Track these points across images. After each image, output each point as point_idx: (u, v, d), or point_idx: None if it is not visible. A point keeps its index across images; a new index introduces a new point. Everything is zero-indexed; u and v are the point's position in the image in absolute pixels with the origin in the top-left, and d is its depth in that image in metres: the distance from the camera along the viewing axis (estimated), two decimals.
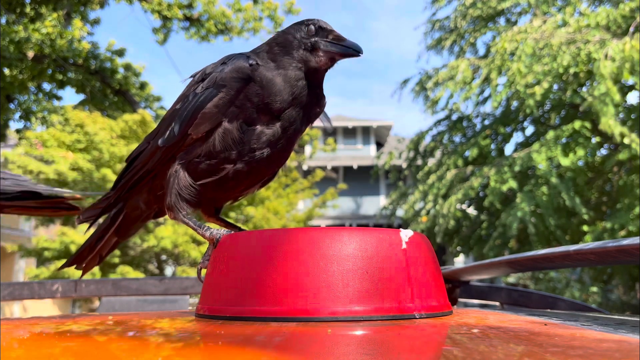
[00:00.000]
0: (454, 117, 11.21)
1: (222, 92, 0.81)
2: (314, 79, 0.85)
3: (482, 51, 11.80)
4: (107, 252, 1.05)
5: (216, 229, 0.82)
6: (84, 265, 1.05)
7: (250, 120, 0.82)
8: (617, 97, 7.42)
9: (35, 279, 7.55)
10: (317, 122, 0.92)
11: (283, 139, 0.85)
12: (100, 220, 1.04)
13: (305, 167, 16.02)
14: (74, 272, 7.22)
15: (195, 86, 0.86)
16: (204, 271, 0.84)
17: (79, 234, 7.60)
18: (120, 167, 7.80)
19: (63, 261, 7.35)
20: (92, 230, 1.04)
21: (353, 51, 0.84)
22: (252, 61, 0.82)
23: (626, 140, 7.63)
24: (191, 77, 0.92)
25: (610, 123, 7.52)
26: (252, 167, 0.85)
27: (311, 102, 0.86)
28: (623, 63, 7.51)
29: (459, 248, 11.16)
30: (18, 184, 1.19)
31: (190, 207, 0.87)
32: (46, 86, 9.29)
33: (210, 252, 0.84)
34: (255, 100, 0.81)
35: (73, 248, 7.43)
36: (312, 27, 0.85)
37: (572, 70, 8.28)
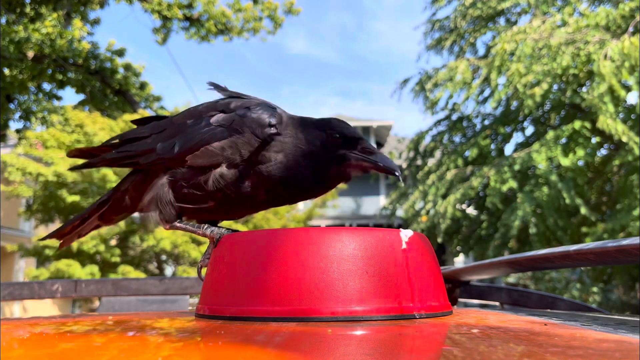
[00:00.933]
0: (454, 117, 11.21)
1: (233, 137, 0.81)
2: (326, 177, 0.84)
3: (482, 51, 11.81)
4: (86, 233, 1.06)
5: (216, 228, 0.82)
6: (62, 241, 1.05)
7: (245, 173, 0.82)
8: (623, 93, 7.42)
9: (35, 279, 7.56)
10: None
11: (270, 200, 0.86)
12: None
13: None
14: (74, 273, 7.22)
15: (213, 113, 0.85)
16: (204, 270, 0.84)
17: None
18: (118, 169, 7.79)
19: (63, 261, 7.34)
20: None
21: (389, 169, 0.82)
22: (274, 120, 0.81)
23: (624, 138, 7.63)
24: (212, 87, 0.92)
25: (608, 122, 7.51)
26: (230, 209, 0.87)
27: (312, 187, 0.85)
28: (622, 62, 7.51)
29: (459, 248, 11.16)
30: None
31: (172, 215, 0.87)
32: (46, 86, 9.29)
33: (210, 251, 0.84)
34: (257, 159, 0.81)
35: (72, 245, 7.45)
36: (337, 135, 0.83)
37: (571, 71, 8.28)
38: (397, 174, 0.82)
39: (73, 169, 1.04)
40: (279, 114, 0.83)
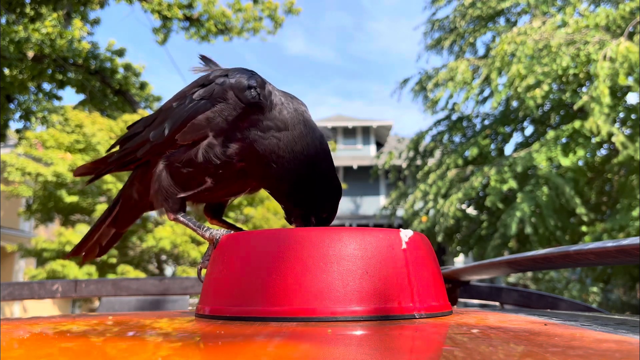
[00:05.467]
0: (454, 117, 11.22)
1: (216, 107, 0.80)
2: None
3: (481, 51, 11.82)
4: (107, 243, 1.05)
5: (216, 229, 0.82)
6: (83, 253, 1.05)
7: (238, 138, 0.81)
8: (607, 99, 7.43)
9: (34, 279, 7.55)
10: (319, 122, 0.91)
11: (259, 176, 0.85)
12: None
13: None
14: (69, 273, 7.21)
15: (195, 89, 0.85)
16: (204, 271, 0.84)
17: (76, 234, 7.59)
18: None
19: (60, 262, 7.31)
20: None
21: None
22: (253, 82, 0.80)
23: (613, 139, 7.65)
24: (195, 69, 0.92)
25: (598, 123, 7.52)
26: (232, 181, 0.85)
27: None
28: (621, 64, 7.51)
29: (459, 248, 11.16)
30: None
31: (180, 204, 0.87)
32: (46, 86, 9.29)
33: (210, 252, 0.84)
34: (250, 124, 0.80)
35: (69, 249, 7.42)
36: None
37: (571, 72, 8.29)
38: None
39: (87, 182, 1.04)
40: (259, 77, 0.83)
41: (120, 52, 9.10)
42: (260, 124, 0.80)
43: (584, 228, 8.38)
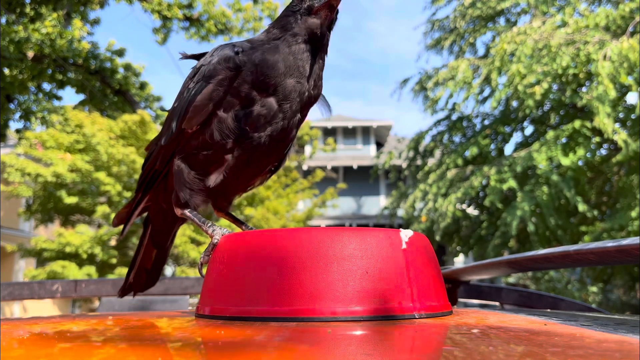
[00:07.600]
0: (454, 117, 11.21)
1: (211, 84, 0.81)
2: (314, 45, 0.83)
3: (481, 51, 11.81)
4: (152, 265, 1.04)
5: (218, 228, 0.82)
6: (130, 281, 1.04)
7: (246, 104, 0.81)
8: (613, 93, 7.42)
9: (34, 279, 7.54)
10: (319, 122, 0.91)
11: (281, 120, 0.83)
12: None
13: (305, 167, 16.01)
14: (69, 274, 7.21)
15: (188, 82, 0.87)
16: (204, 267, 0.84)
17: (75, 235, 7.59)
18: (117, 168, 7.79)
19: (60, 262, 7.29)
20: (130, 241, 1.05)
21: None
22: (237, 49, 0.82)
23: (615, 137, 7.65)
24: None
25: (604, 121, 7.52)
26: (251, 154, 0.84)
27: (309, 76, 0.83)
28: (621, 63, 7.51)
29: (459, 248, 11.16)
30: None
31: (201, 198, 0.88)
32: (46, 86, 9.28)
33: (211, 249, 0.84)
34: (248, 84, 0.81)
35: (68, 249, 7.43)
36: None
37: (571, 72, 8.28)
38: None
39: (123, 229, 1.03)
40: (239, 43, 0.84)
41: (120, 52, 9.10)
42: (255, 74, 0.80)
43: (583, 227, 8.38)
